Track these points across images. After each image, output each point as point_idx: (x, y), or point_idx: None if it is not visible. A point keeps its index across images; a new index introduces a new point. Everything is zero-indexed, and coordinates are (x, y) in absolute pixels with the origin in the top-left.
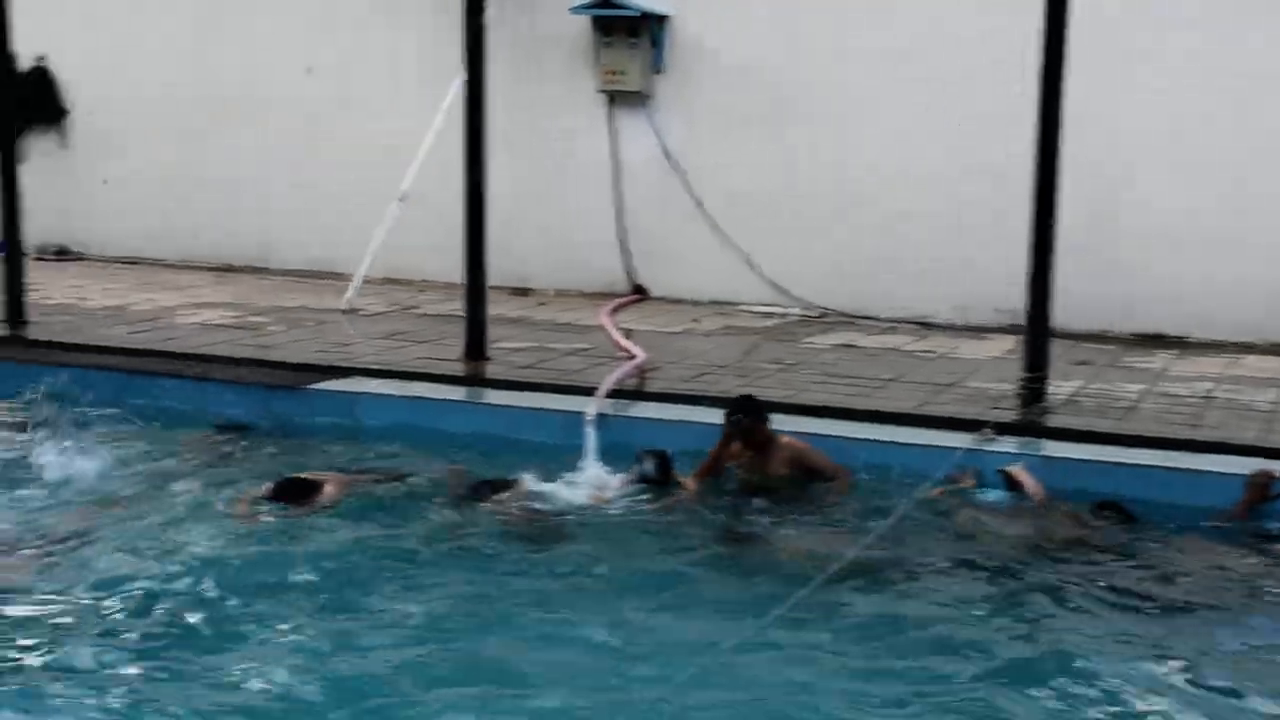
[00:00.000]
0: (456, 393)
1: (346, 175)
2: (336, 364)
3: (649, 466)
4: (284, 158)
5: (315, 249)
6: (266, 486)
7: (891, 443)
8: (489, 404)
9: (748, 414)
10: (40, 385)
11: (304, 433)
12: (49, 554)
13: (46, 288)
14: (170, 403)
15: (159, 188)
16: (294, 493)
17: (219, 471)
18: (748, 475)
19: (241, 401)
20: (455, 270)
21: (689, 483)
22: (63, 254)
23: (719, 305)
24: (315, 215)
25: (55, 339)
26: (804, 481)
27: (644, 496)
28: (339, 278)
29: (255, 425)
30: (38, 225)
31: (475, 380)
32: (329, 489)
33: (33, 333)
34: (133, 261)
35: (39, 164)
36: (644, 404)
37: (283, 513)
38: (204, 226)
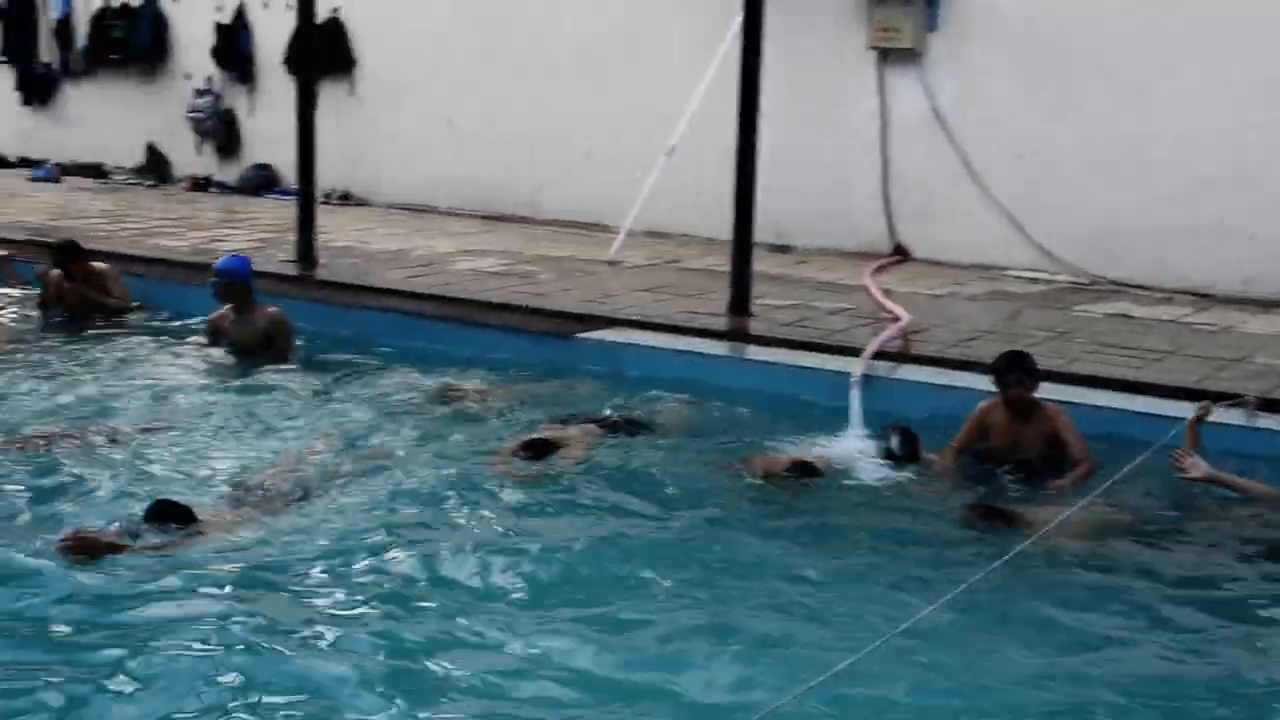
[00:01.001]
0: (720, 347)
1: (616, 127)
2: (603, 314)
3: (894, 442)
4: (556, 109)
5: (581, 200)
6: (516, 442)
7: (1175, 417)
8: (753, 360)
9: (1024, 371)
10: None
11: (570, 380)
12: (304, 499)
13: (333, 231)
14: (445, 346)
15: (435, 137)
16: (540, 450)
17: (477, 426)
18: (999, 442)
19: (512, 347)
20: (715, 225)
21: (946, 455)
22: (346, 199)
23: (983, 269)
24: (583, 167)
25: (342, 280)
26: (1052, 458)
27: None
28: (603, 229)
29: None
30: (324, 171)
31: (739, 336)
32: (574, 448)
33: (321, 274)
34: (410, 208)
35: (328, 113)
36: (910, 367)
37: (529, 469)
38: (477, 175)
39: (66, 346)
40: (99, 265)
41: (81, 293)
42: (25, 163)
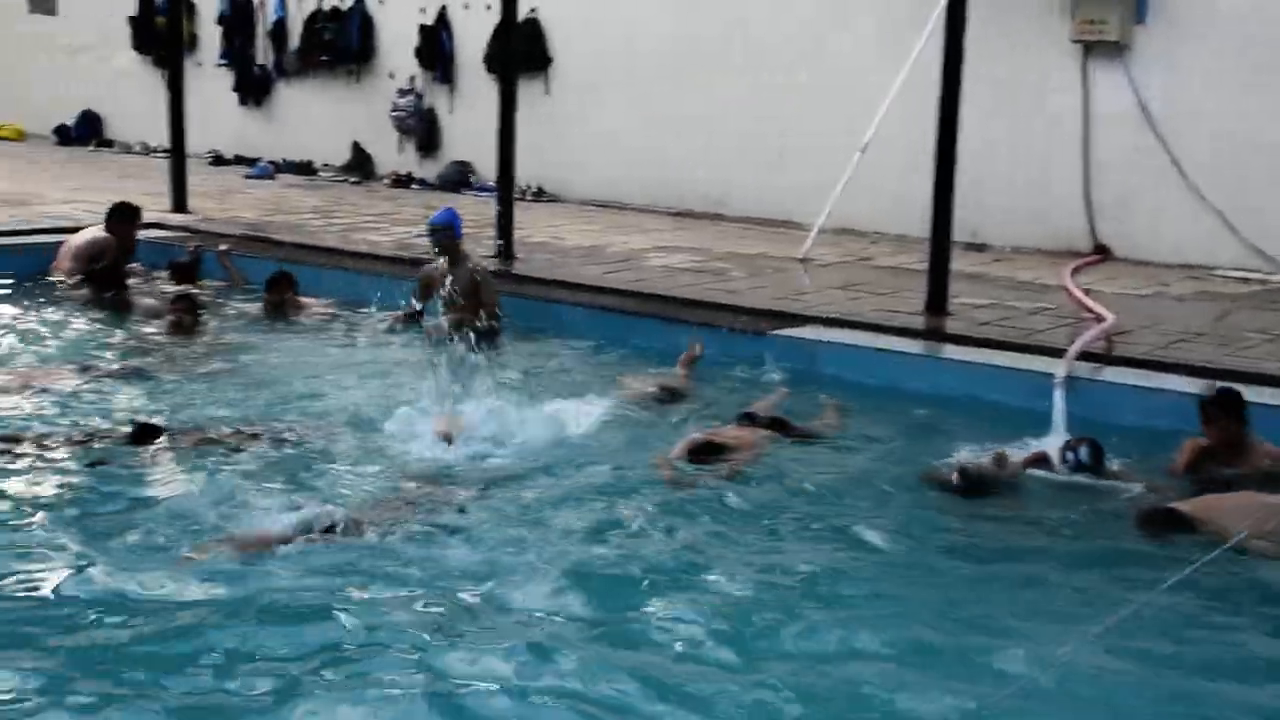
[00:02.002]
0: (917, 346)
1: (808, 124)
2: (796, 311)
3: (1082, 453)
4: (749, 107)
5: (773, 197)
6: (684, 444)
7: None
8: (951, 360)
9: (1227, 411)
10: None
11: (763, 378)
12: (485, 489)
13: (528, 227)
14: (638, 342)
15: (628, 135)
16: (706, 453)
17: (657, 424)
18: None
19: (707, 344)
20: (907, 222)
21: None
22: (540, 195)
23: (1189, 268)
24: (775, 164)
25: (538, 275)
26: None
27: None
28: (794, 226)
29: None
30: (519, 168)
31: (937, 335)
32: (740, 454)
33: (518, 268)
34: (602, 204)
35: (524, 110)
36: (1114, 369)
37: (695, 473)
38: (668, 172)
39: (279, 343)
40: (305, 301)
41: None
42: (240, 160)
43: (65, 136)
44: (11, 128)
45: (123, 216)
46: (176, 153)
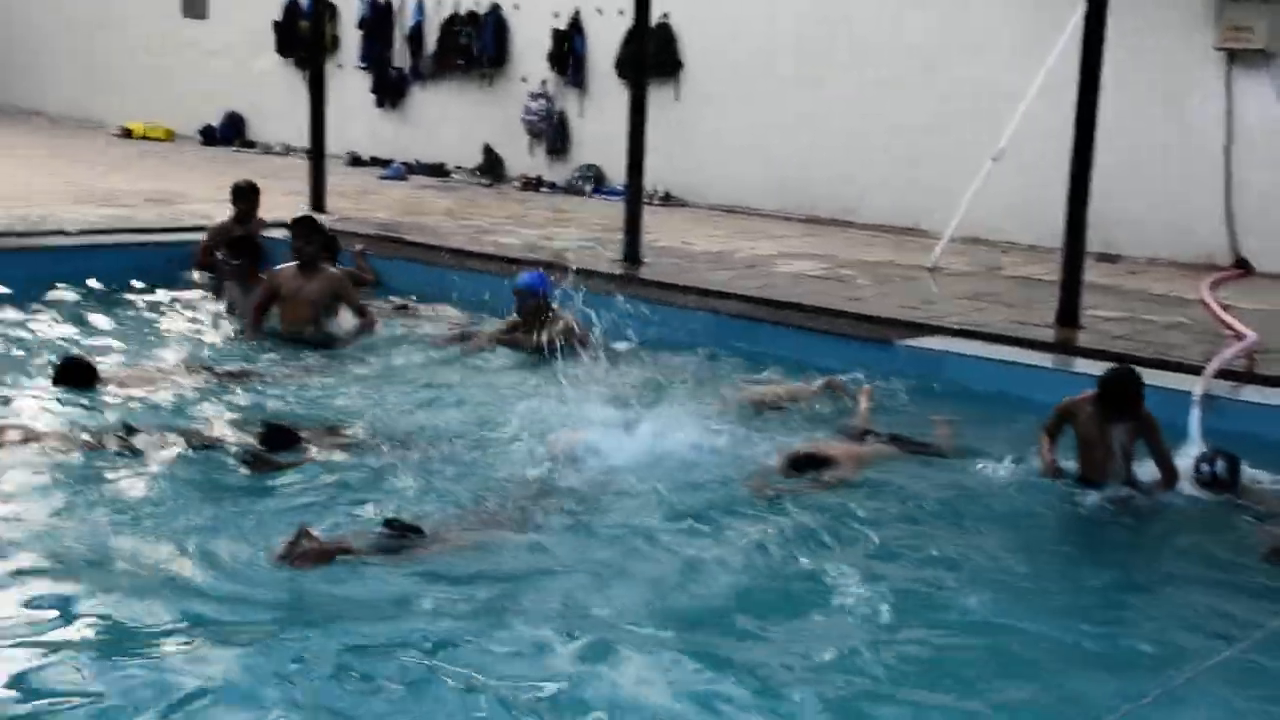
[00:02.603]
0: (1047, 359)
1: (940, 132)
2: (923, 321)
3: (1219, 467)
4: (880, 114)
5: (901, 205)
6: (782, 457)
7: None
8: (1082, 373)
9: None
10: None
11: (889, 388)
12: (586, 502)
13: (655, 231)
14: (763, 348)
15: (756, 141)
16: (805, 466)
17: (771, 432)
18: None
19: (832, 352)
20: (1039, 232)
21: None
22: (667, 200)
23: None
24: (904, 171)
25: (666, 280)
26: None
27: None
28: (921, 234)
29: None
30: (648, 172)
31: (1068, 348)
32: (842, 468)
33: (645, 273)
34: (729, 210)
35: (654, 115)
36: (1255, 388)
37: (793, 486)
38: (796, 179)
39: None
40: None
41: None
42: (376, 162)
43: (210, 137)
44: (161, 129)
45: (238, 195)
46: (316, 153)
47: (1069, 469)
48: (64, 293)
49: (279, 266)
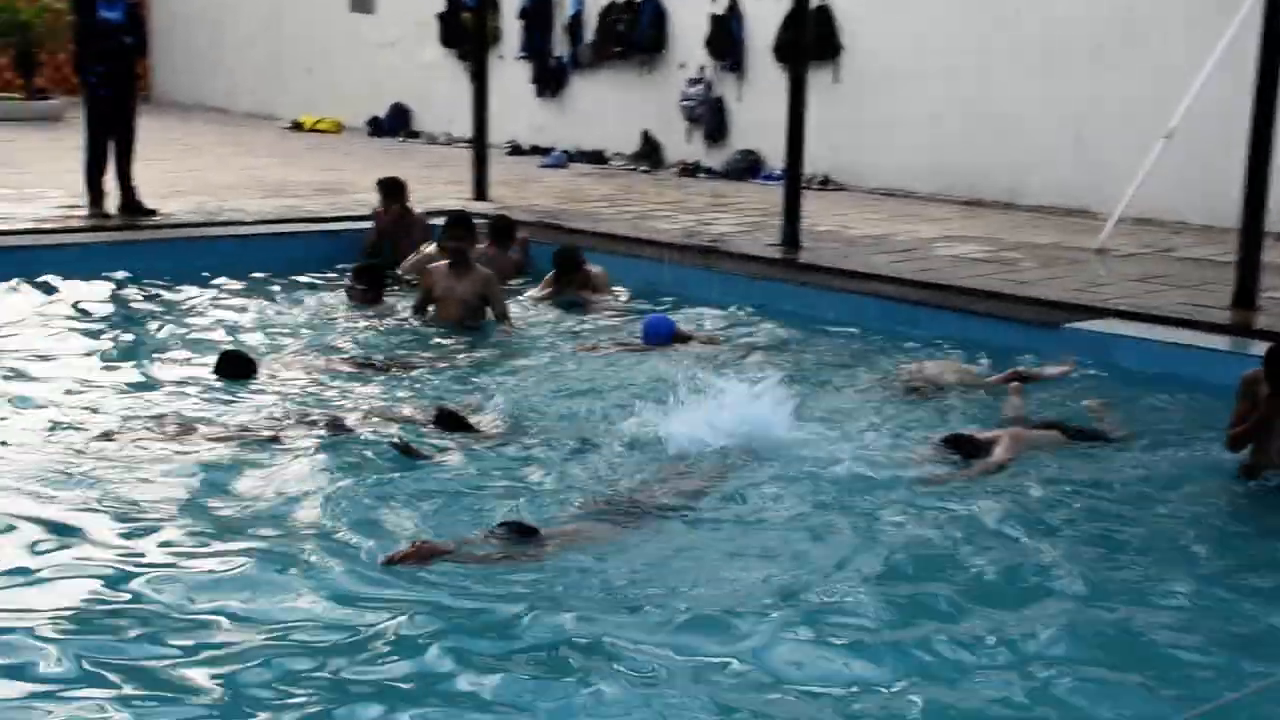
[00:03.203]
0: (1223, 342)
1: (1107, 111)
2: (1090, 304)
3: None
4: (1044, 94)
5: (1066, 186)
6: (935, 441)
7: None
8: (1257, 356)
9: None
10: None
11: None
12: (674, 510)
13: (814, 215)
14: (925, 332)
15: (917, 123)
16: (963, 448)
17: (927, 416)
18: None
19: (995, 336)
20: (1213, 211)
21: None
22: (825, 184)
23: None
24: (1070, 152)
25: (825, 264)
26: None
27: None
28: (1088, 216)
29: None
30: (806, 156)
31: (1245, 330)
32: (999, 450)
33: (805, 257)
34: (888, 193)
35: (812, 98)
36: None
37: (948, 471)
38: (958, 161)
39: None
40: (594, 269)
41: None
42: (536, 150)
43: (377, 128)
44: (330, 121)
45: (383, 191)
46: (478, 143)
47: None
48: (239, 280)
49: (434, 265)
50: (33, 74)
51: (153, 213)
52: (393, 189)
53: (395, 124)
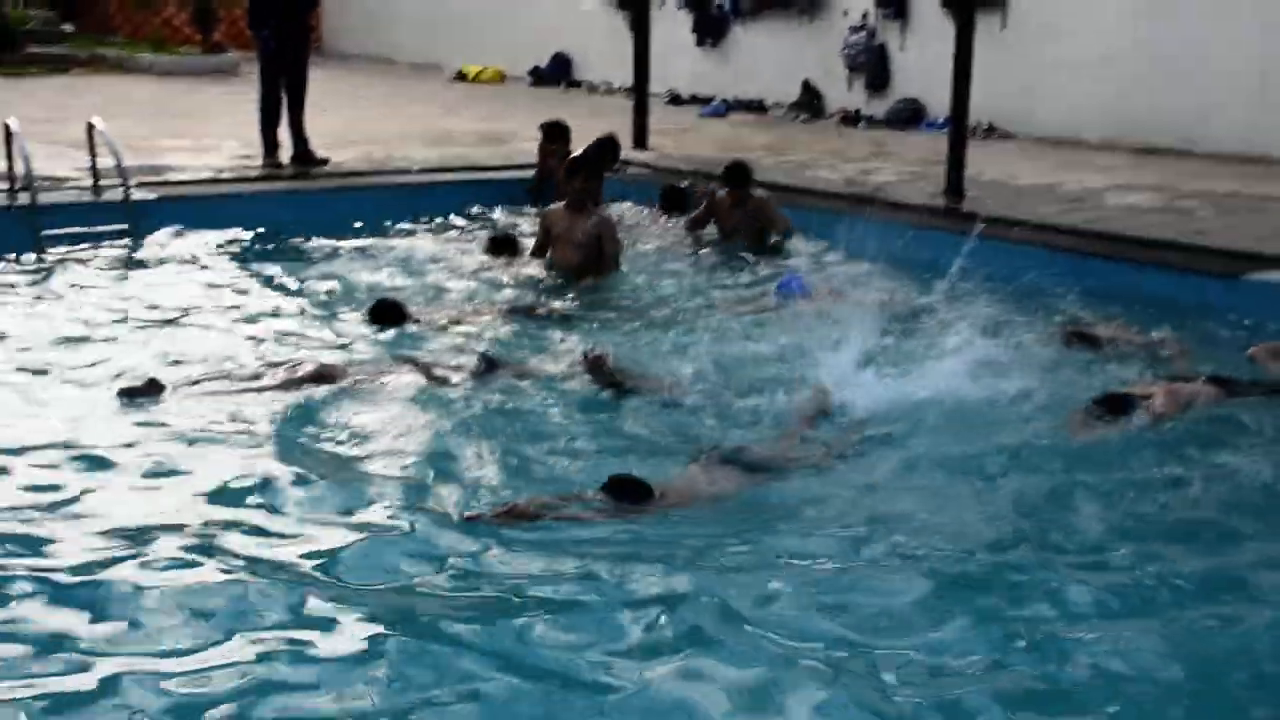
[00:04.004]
0: None
1: None
2: (1275, 253)
3: None
4: (1222, 34)
5: (1248, 132)
6: (1092, 401)
7: None
8: None
9: None
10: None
11: (1234, 324)
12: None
13: (978, 164)
14: (1094, 283)
15: (1087, 69)
16: (1116, 406)
17: (1089, 373)
18: None
19: (1173, 288)
20: None
21: None
22: (990, 132)
23: None
24: (1253, 96)
25: (990, 214)
26: None
27: None
28: (1270, 162)
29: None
30: (971, 103)
31: None
32: (1156, 404)
33: (968, 206)
34: (1056, 141)
35: (978, 44)
36: None
37: (1105, 428)
38: (1129, 108)
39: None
40: (760, 193)
41: (741, 216)
42: (695, 99)
43: (539, 78)
44: (493, 71)
45: (546, 134)
46: (639, 92)
47: None
48: (403, 228)
49: (553, 206)
50: (210, 29)
51: (324, 162)
52: (555, 132)
53: (556, 73)
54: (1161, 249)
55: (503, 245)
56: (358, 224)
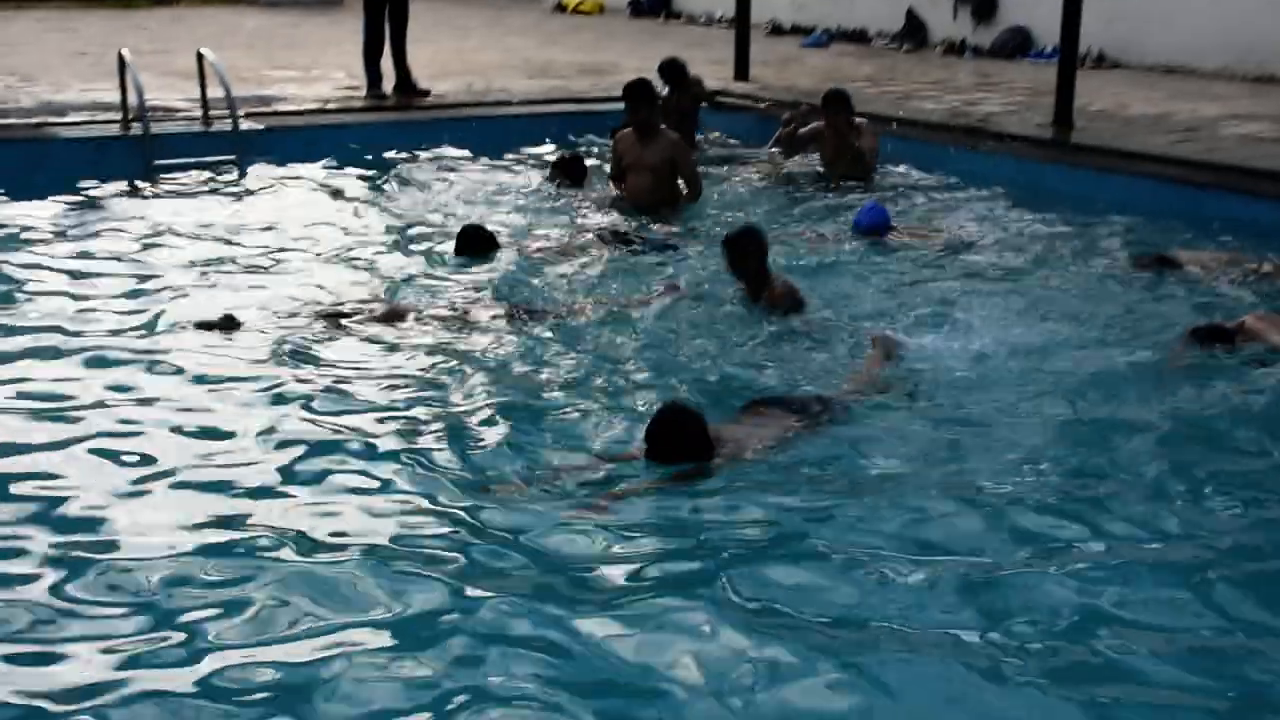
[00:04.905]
0: None
1: None
2: None
3: None
4: None
5: None
6: (1185, 334)
7: None
8: None
9: None
10: None
11: None
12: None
13: (1087, 94)
14: (1205, 215)
15: None
16: (1211, 338)
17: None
18: None
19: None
20: None
21: None
22: (1100, 61)
23: None
24: None
25: (1100, 144)
26: None
27: None
28: None
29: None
30: (1081, 30)
31: None
32: (1260, 338)
33: (1078, 138)
34: (1167, 69)
35: None
36: None
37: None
38: (1248, 34)
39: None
40: (859, 120)
41: (839, 142)
42: (796, 30)
43: (638, 9)
44: (592, 2)
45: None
46: (740, 22)
47: None
48: (503, 158)
49: (623, 132)
50: None
51: (426, 93)
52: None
53: (656, 4)
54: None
55: (567, 167)
56: (459, 154)
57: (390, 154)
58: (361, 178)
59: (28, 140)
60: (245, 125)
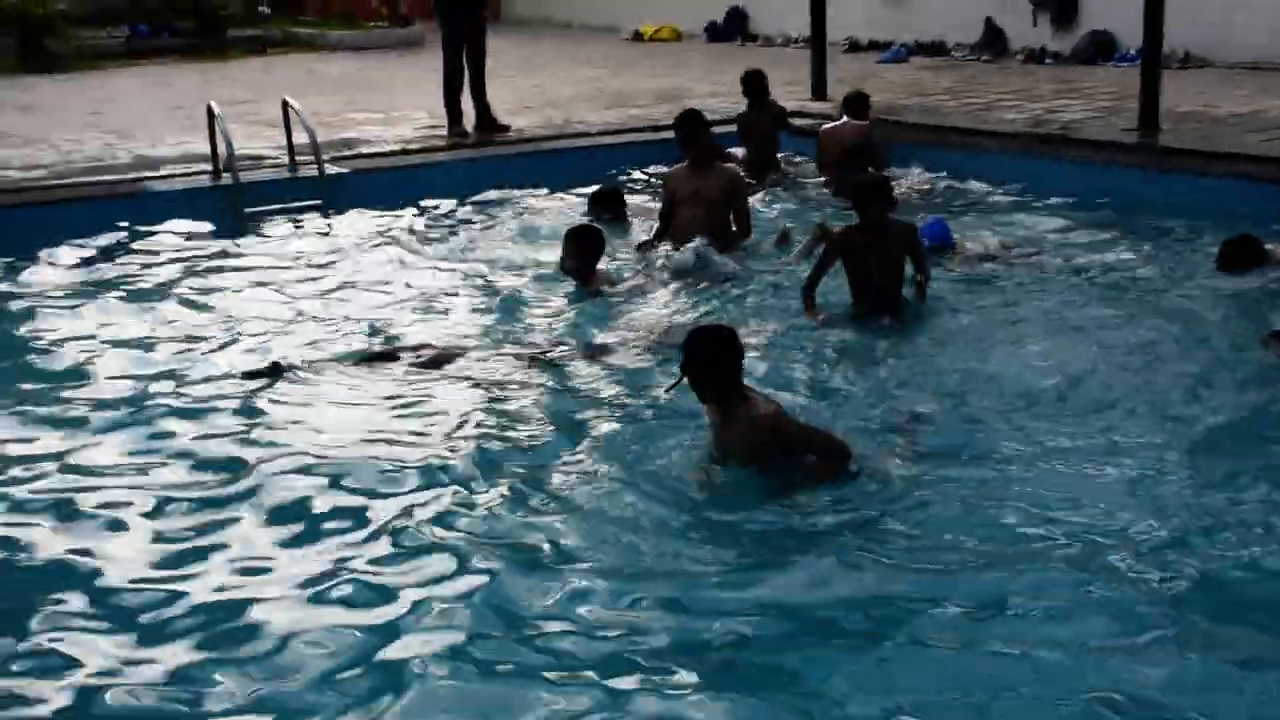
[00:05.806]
0: None
1: None
2: None
3: None
4: None
5: None
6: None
7: None
8: None
9: None
10: None
11: None
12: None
13: (1174, 96)
14: None
15: None
16: None
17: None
18: None
19: None
20: None
21: None
22: (1185, 62)
23: None
24: None
25: (1187, 146)
26: None
27: None
28: None
29: None
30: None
31: None
32: None
33: (1165, 140)
34: (1253, 67)
35: None
36: None
37: None
38: None
39: None
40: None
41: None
42: (874, 46)
43: (715, 34)
44: (669, 29)
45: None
46: (816, 42)
47: None
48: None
49: (675, 167)
50: (397, 2)
51: (506, 129)
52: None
53: (732, 28)
54: None
55: (605, 201)
56: (543, 189)
57: (473, 192)
58: (444, 216)
59: (126, 195)
60: (330, 169)
